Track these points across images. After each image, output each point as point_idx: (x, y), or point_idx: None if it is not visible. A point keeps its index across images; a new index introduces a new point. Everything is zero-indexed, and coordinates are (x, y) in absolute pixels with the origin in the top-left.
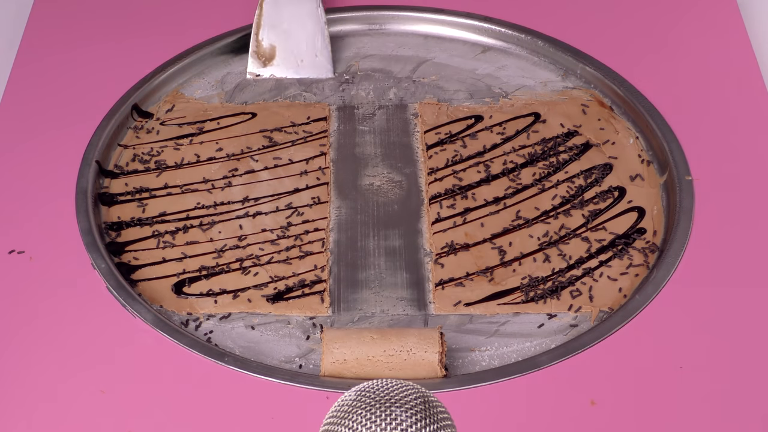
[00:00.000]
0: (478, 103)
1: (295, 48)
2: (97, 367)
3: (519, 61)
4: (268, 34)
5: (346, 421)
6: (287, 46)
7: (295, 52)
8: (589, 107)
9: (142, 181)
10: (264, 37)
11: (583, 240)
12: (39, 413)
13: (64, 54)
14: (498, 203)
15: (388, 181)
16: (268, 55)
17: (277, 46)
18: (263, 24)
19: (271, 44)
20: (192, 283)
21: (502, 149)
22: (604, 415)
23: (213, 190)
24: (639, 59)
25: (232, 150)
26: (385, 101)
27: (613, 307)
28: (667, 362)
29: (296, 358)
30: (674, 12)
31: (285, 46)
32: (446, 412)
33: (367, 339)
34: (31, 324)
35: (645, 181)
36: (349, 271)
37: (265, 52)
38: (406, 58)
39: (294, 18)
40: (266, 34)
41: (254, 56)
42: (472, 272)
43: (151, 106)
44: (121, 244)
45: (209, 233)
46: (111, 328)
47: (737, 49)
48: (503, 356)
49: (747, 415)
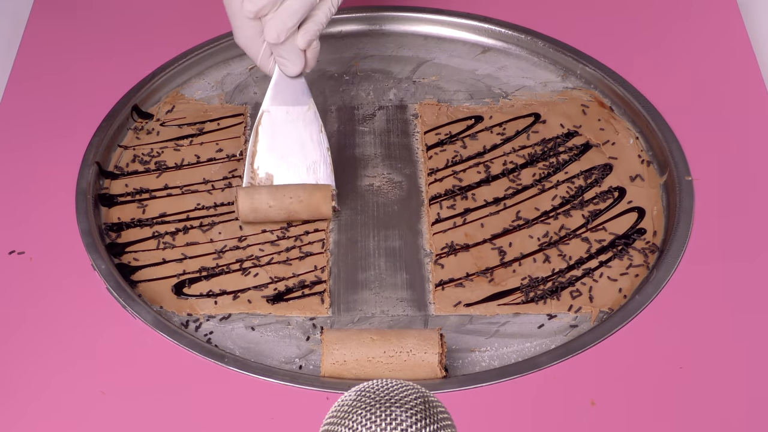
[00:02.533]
0: (478, 104)
1: (295, 178)
2: (97, 368)
3: (519, 62)
4: (264, 163)
5: (346, 421)
6: (286, 176)
7: (294, 181)
8: (589, 107)
9: (142, 182)
10: (260, 166)
11: (583, 240)
12: (39, 414)
13: (64, 55)
14: (498, 204)
15: (388, 181)
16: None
17: (275, 175)
18: (259, 151)
19: (268, 174)
20: (192, 284)
21: (502, 150)
22: (604, 415)
23: (213, 191)
24: (639, 59)
25: (232, 150)
26: (385, 102)
27: (613, 307)
28: (667, 362)
29: (296, 359)
30: (674, 12)
31: (283, 177)
32: (446, 412)
33: (367, 340)
34: (31, 324)
35: (645, 181)
36: (349, 271)
37: (261, 183)
38: (406, 58)
39: (293, 145)
40: (262, 162)
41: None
42: (472, 273)
43: (151, 107)
44: (121, 245)
45: (209, 234)
46: (111, 329)
47: (737, 49)
48: (503, 357)
49: (747, 415)
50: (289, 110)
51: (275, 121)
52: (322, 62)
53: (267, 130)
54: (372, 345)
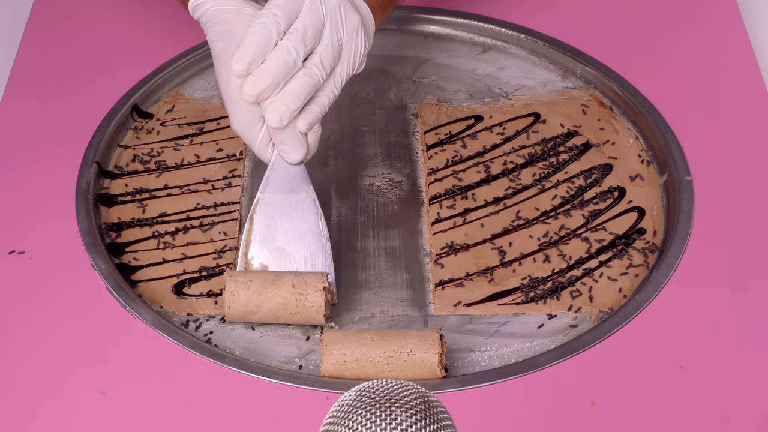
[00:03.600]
0: (478, 104)
1: (292, 269)
2: (97, 367)
3: (519, 61)
4: (259, 253)
5: (346, 421)
6: (282, 267)
7: (289, 264)
8: (589, 107)
9: (142, 182)
10: (254, 256)
11: (583, 240)
12: (39, 413)
13: (64, 54)
14: (498, 203)
15: (388, 181)
16: None
17: (269, 266)
18: (253, 241)
19: (263, 264)
20: (192, 284)
21: (502, 149)
22: (604, 415)
23: (213, 191)
24: (639, 59)
25: (232, 150)
26: (385, 101)
27: (613, 307)
28: (667, 362)
29: (296, 359)
30: (674, 12)
31: (279, 268)
32: (446, 412)
33: (366, 340)
34: (31, 324)
35: (645, 181)
36: (349, 271)
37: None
38: (406, 58)
39: (290, 235)
40: (257, 252)
41: None
42: (472, 273)
43: (152, 106)
44: (121, 244)
45: (209, 234)
46: (111, 329)
47: (737, 49)
48: (503, 357)
49: (747, 415)
50: (287, 198)
51: (271, 209)
52: None
53: (262, 218)
54: (372, 345)
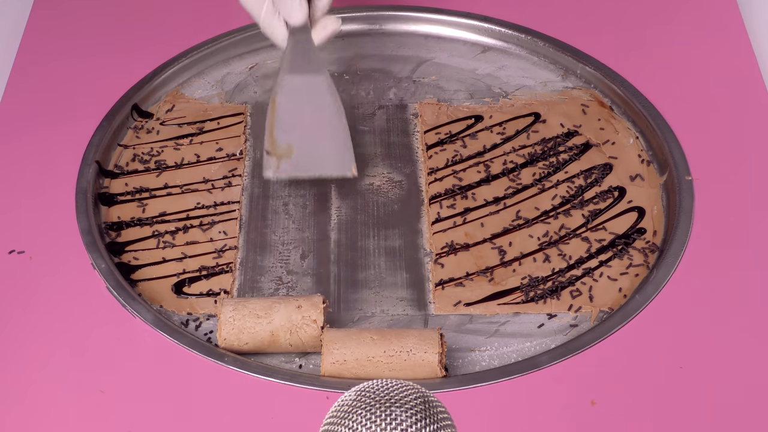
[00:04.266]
0: (478, 103)
1: (314, 146)
2: (97, 367)
3: (519, 61)
4: (284, 134)
5: (346, 421)
6: (305, 144)
7: (313, 149)
8: (589, 107)
9: (142, 181)
10: (279, 135)
11: (583, 240)
12: (39, 413)
13: (64, 54)
14: (498, 203)
15: (388, 181)
16: (285, 153)
17: (294, 144)
18: (277, 122)
19: (288, 144)
20: (192, 283)
21: (502, 149)
22: (604, 415)
23: (213, 190)
24: (639, 59)
25: (232, 150)
26: (385, 101)
27: (613, 307)
28: (667, 362)
29: (296, 359)
30: (674, 12)
31: (302, 144)
32: (446, 412)
33: (367, 340)
34: (31, 324)
35: (645, 181)
36: (349, 271)
37: (282, 151)
38: (406, 58)
39: (311, 114)
40: (282, 133)
41: (270, 156)
42: (472, 272)
43: (151, 106)
44: (121, 244)
45: (209, 233)
46: (111, 328)
47: (737, 49)
48: (503, 356)
49: (747, 415)
50: (305, 80)
51: (292, 92)
52: None
53: (284, 100)
54: (372, 344)
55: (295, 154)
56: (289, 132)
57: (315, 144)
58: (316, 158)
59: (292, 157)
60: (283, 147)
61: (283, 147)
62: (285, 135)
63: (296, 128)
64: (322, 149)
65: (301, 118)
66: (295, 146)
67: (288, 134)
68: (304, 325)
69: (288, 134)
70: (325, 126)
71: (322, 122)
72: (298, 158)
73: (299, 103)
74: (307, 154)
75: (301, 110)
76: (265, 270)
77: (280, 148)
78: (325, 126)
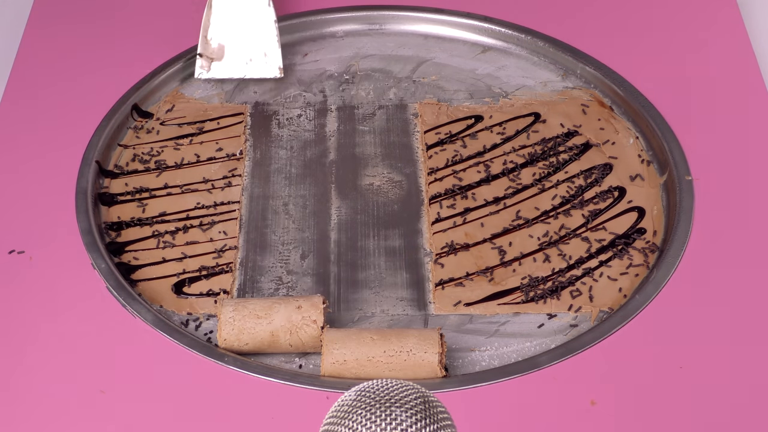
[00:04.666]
0: (478, 103)
1: (244, 48)
2: (97, 367)
3: (519, 61)
4: (217, 34)
5: (346, 421)
6: (235, 45)
7: (244, 51)
8: (589, 107)
9: (142, 181)
10: (212, 37)
11: (583, 240)
12: (39, 413)
13: (63, 54)
14: (498, 203)
15: (388, 181)
16: (216, 55)
17: (226, 45)
18: (212, 24)
19: (220, 44)
20: (192, 283)
21: (502, 149)
22: (604, 415)
23: (213, 190)
24: (639, 59)
25: (232, 150)
26: (385, 101)
27: (613, 307)
28: (667, 362)
29: (296, 359)
30: (674, 12)
31: (233, 46)
32: (446, 412)
33: (367, 340)
34: (31, 324)
35: (645, 181)
36: (349, 271)
37: (214, 52)
38: (406, 58)
39: (243, 17)
40: (215, 33)
41: (202, 57)
42: (472, 272)
43: (151, 105)
44: (121, 244)
45: (209, 233)
46: (111, 328)
47: (737, 49)
48: (503, 356)
49: (747, 415)
50: None
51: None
52: (322, 62)
53: (219, 3)
54: (372, 344)
55: (225, 55)
56: (222, 34)
57: (245, 46)
58: (245, 60)
59: (222, 60)
60: (215, 48)
61: (214, 47)
62: (218, 37)
63: (229, 30)
64: (251, 52)
65: (234, 21)
66: (226, 47)
67: (221, 36)
68: (304, 325)
69: (221, 36)
70: (256, 29)
71: (253, 25)
72: (227, 60)
73: (233, 6)
74: (236, 56)
75: (235, 13)
76: (265, 270)
77: (211, 50)
78: (256, 29)
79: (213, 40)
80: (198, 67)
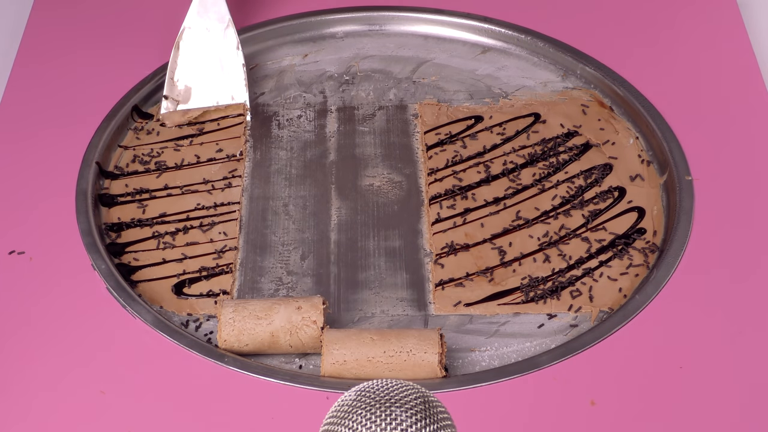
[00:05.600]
0: (478, 104)
1: (211, 91)
2: (97, 367)
3: (519, 62)
4: (184, 76)
5: (346, 421)
6: (202, 88)
7: (211, 95)
8: (589, 107)
9: (142, 182)
10: (179, 79)
11: (583, 240)
12: (39, 414)
13: (64, 55)
14: (498, 203)
15: (388, 181)
16: (182, 98)
17: (193, 88)
18: (179, 65)
19: (187, 86)
20: (192, 284)
21: (502, 149)
22: (604, 415)
23: (213, 191)
24: (639, 59)
25: (232, 150)
26: (385, 102)
27: (613, 307)
28: (667, 362)
29: (296, 359)
30: (674, 12)
31: (200, 89)
32: (446, 412)
33: (366, 340)
34: (31, 325)
35: (645, 181)
36: (349, 271)
37: (180, 95)
38: (406, 58)
39: (211, 60)
40: (182, 75)
41: (167, 100)
42: (472, 272)
43: (152, 107)
44: (121, 245)
45: (209, 234)
46: (111, 329)
47: (737, 49)
48: (503, 356)
49: (747, 415)
50: (209, 27)
51: (196, 37)
52: (322, 62)
53: (187, 45)
54: (372, 345)
55: (191, 99)
56: (189, 76)
57: (212, 89)
58: (212, 103)
59: (189, 102)
60: (182, 90)
61: (181, 90)
62: (184, 79)
63: (196, 73)
64: (218, 95)
65: (202, 63)
66: (193, 90)
67: (188, 78)
68: (304, 326)
69: (188, 78)
70: (224, 72)
71: (221, 69)
72: (193, 103)
73: (202, 48)
74: (203, 100)
75: (203, 55)
76: (265, 271)
77: (177, 92)
78: (224, 72)
79: (180, 81)
80: (163, 108)
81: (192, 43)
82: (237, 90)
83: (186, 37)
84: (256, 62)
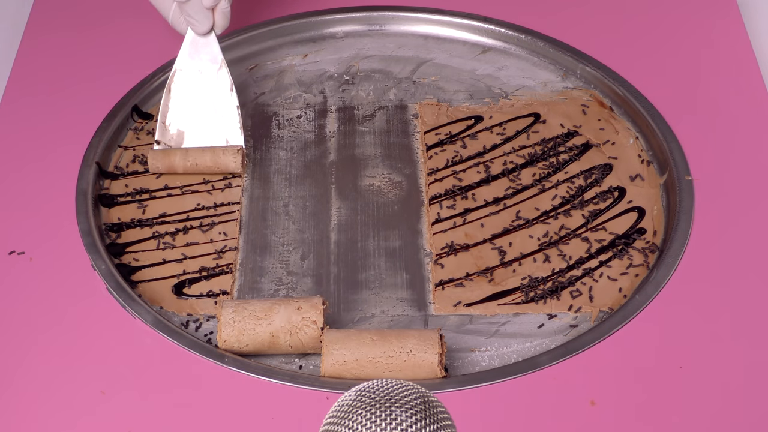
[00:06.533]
0: (478, 104)
1: (205, 134)
2: (97, 367)
3: (519, 62)
4: (176, 120)
5: (346, 421)
6: (197, 132)
7: (204, 138)
8: (589, 107)
9: (142, 183)
10: (171, 123)
11: (583, 240)
12: (39, 414)
13: (64, 55)
14: (498, 203)
15: (388, 181)
16: (175, 142)
17: (185, 132)
18: (171, 109)
19: (179, 130)
20: (192, 284)
21: (502, 150)
22: (604, 415)
23: (213, 191)
24: (639, 59)
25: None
26: (385, 102)
27: (613, 307)
28: (668, 362)
29: (296, 359)
30: (674, 12)
31: (193, 133)
32: (446, 412)
33: (366, 340)
34: (31, 325)
35: (645, 181)
36: (349, 271)
37: (172, 139)
38: (406, 58)
39: (204, 103)
40: (174, 119)
41: (159, 145)
42: (472, 273)
43: (152, 107)
44: (121, 245)
45: (209, 234)
46: (111, 330)
47: (737, 49)
48: (503, 356)
49: (747, 415)
50: (201, 69)
51: (187, 80)
52: (322, 62)
53: (179, 88)
54: (372, 345)
55: (184, 144)
56: (181, 120)
57: (205, 133)
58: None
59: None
60: (174, 135)
61: (173, 135)
62: (176, 123)
63: (189, 116)
64: (211, 139)
65: (194, 106)
66: (185, 135)
67: (180, 122)
68: (304, 326)
69: (180, 122)
70: (217, 115)
71: (215, 112)
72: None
73: (194, 90)
74: (196, 144)
75: (196, 98)
76: (265, 271)
77: (170, 136)
78: (217, 115)
79: (172, 125)
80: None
81: (184, 85)
82: (232, 133)
83: (177, 79)
84: (256, 62)
